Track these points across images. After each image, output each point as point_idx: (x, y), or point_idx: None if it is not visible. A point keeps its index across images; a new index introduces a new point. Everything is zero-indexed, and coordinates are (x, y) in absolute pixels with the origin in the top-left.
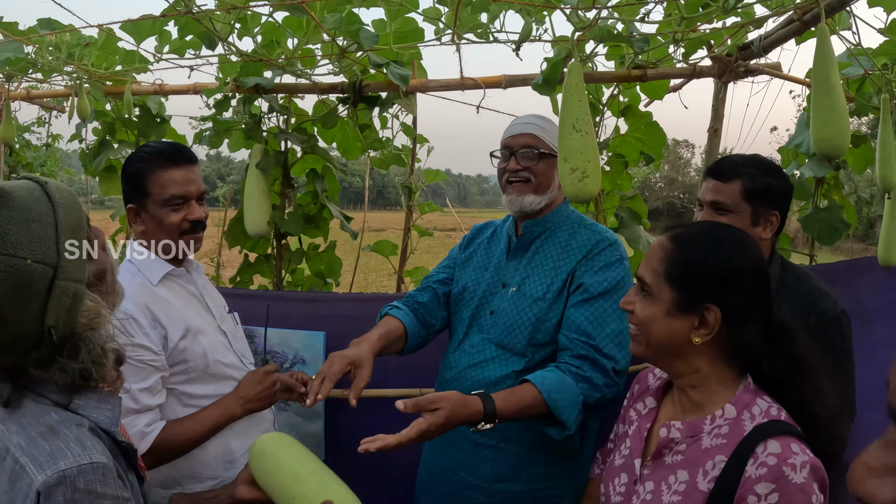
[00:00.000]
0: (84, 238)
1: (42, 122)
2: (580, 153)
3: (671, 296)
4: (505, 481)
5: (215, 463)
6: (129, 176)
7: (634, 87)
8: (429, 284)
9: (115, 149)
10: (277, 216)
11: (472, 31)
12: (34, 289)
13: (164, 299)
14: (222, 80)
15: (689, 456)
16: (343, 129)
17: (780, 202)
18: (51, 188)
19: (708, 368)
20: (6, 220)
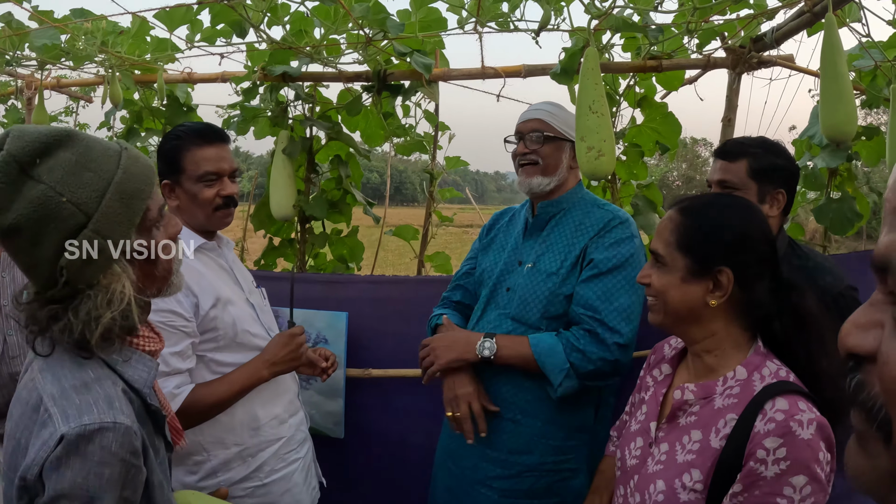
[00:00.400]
0: (143, 206)
1: (70, 111)
2: (596, 133)
3: (684, 263)
4: (521, 453)
5: (241, 430)
6: (166, 153)
7: (650, 78)
8: (457, 283)
9: (143, 136)
10: (303, 200)
11: (493, 20)
12: (60, 225)
13: (197, 270)
14: (251, 69)
15: (702, 416)
16: (366, 117)
17: (786, 181)
18: (127, 154)
19: (723, 331)
20: (61, 158)
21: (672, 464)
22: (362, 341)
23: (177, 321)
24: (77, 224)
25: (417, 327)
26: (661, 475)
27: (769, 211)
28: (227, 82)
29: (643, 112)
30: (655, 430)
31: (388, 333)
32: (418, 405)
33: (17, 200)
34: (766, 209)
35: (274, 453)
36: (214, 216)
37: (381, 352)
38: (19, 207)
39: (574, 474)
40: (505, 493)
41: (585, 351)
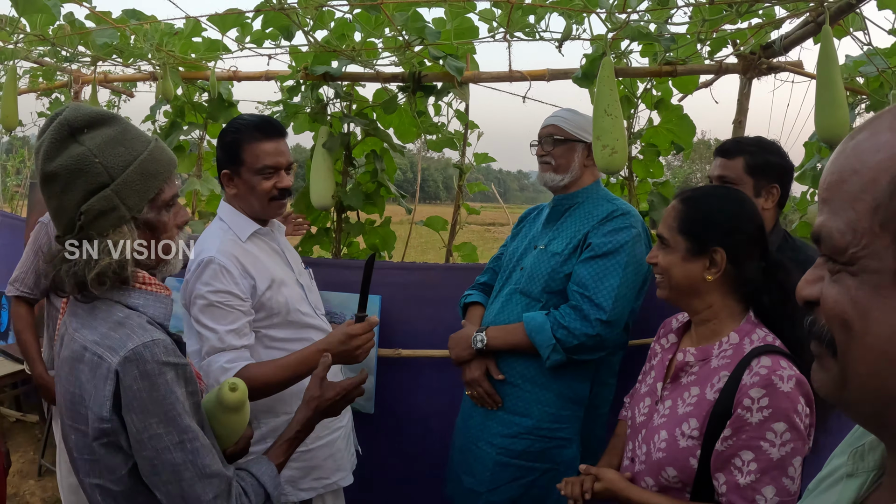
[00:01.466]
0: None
1: (112, 105)
2: (610, 133)
3: (685, 245)
4: (520, 415)
5: (291, 400)
6: (226, 145)
7: (667, 81)
8: (489, 266)
9: (185, 130)
10: (340, 192)
11: (521, 30)
12: (88, 178)
13: (252, 254)
14: (294, 69)
15: (700, 375)
16: (400, 115)
17: (780, 176)
18: (156, 144)
19: (719, 302)
20: (103, 132)
21: (674, 416)
22: (393, 323)
23: (234, 301)
24: (102, 183)
25: (445, 311)
26: (665, 426)
27: (764, 204)
28: (270, 80)
29: (660, 114)
30: (661, 390)
31: (417, 316)
32: (444, 383)
33: (61, 154)
34: (761, 202)
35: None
36: (270, 206)
37: (410, 333)
38: (62, 160)
39: (567, 444)
40: (502, 451)
41: (570, 327)
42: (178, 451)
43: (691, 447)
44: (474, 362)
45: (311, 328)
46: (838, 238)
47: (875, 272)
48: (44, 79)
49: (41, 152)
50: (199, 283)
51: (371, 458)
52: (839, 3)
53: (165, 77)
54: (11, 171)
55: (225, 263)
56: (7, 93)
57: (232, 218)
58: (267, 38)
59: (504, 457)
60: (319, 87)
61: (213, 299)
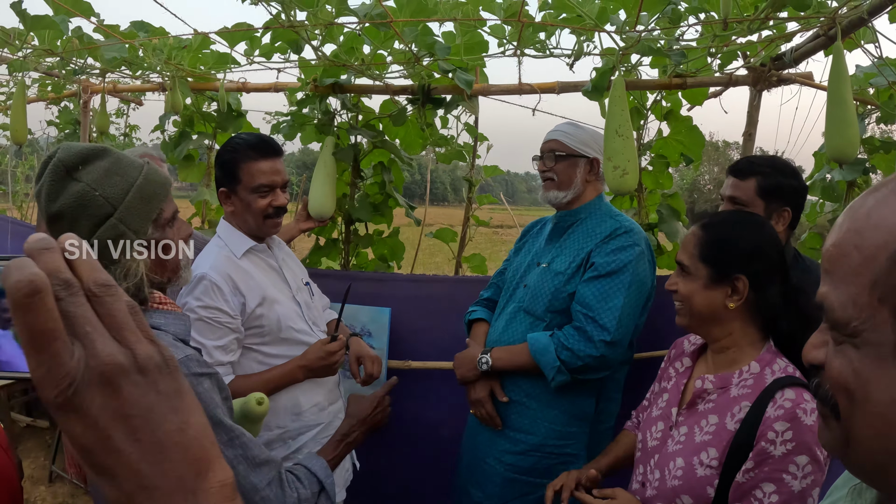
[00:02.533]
0: (158, 207)
1: (121, 113)
2: (621, 154)
3: (706, 272)
4: (526, 433)
5: (284, 414)
6: (224, 164)
7: (676, 93)
8: (493, 281)
9: (195, 140)
10: (349, 204)
11: (531, 47)
12: (93, 211)
13: (246, 271)
14: (304, 81)
15: (719, 403)
16: (406, 127)
17: (792, 199)
18: (149, 168)
19: (739, 330)
20: (97, 165)
21: (691, 444)
22: (403, 335)
23: (222, 318)
24: (106, 213)
25: (454, 323)
26: (681, 454)
27: (775, 226)
28: (279, 92)
29: (669, 125)
30: (676, 415)
31: (427, 328)
32: (452, 395)
33: (62, 194)
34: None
35: (313, 437)
36: (265, 224)
37: (420, 345)
38: (64, 199)
39: (574, 460)
40: (510, 468)
41: (574, 349)
42: (228, 448)
43: (709, 476)
44: (479, 383)
45: (305, 345)
46: (840, 312)
47: (876, 345)
48: (53, 91)
49: (42, 195)
50: (191, 297)
51: (381, 469)
52: (851, 17)
53: (174, 90)
54: (21, 177)
55: (216, 280)
56: (16, 107)
57: (228, 235)
58: (276, 52)
59: (512, 473)
60: (327, 98)
61: (202, 314)
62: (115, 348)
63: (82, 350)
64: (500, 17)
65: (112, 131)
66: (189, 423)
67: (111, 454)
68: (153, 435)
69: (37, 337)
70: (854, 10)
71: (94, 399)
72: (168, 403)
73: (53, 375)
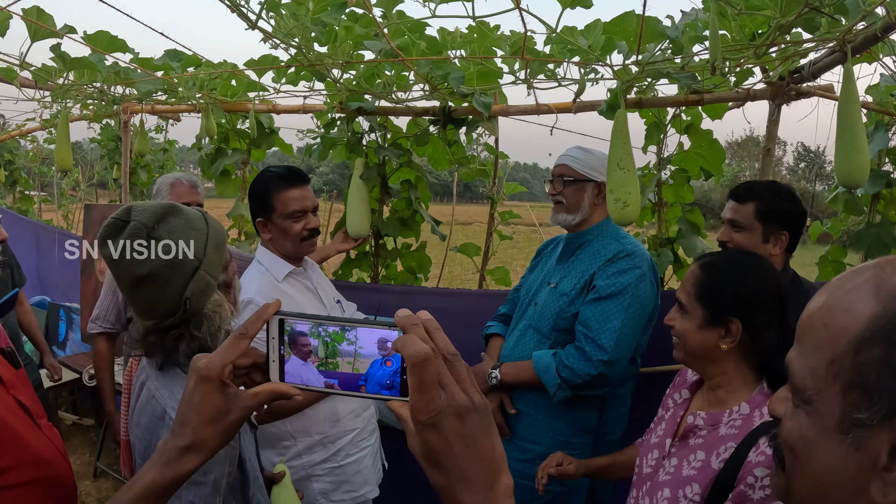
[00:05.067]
0: (224, 251)
1: (160, 129)
2: (623, 187)
3: (702, 313)
4: (533, 442)
5: (324, 421)
6: (258, 196)
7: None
8: (510, 297)
9: (230, 156)
10: (377, 219)
11: (542, 74)
12: (184, 269)
13: (287, 293)
14: (330, 105)
15: (708, 440)
16: (434, 143)
17: (790, 224)
18: (208, 217)
19: (733, 370)
20: (172, 223)
21: (678, 476)
22: None
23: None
24: (194, 267)
25: (477, 335)
26: (668, 484)
27: (772, 250)
28: (307, 113)
29: (690, 138)
30: (669, 446)
31: (452, 339)
32: None
33: (149, 255)
34: (769, 248)
35: (350, 441)
36: (301, 246)
37: None
38: (152, 260)
39: None
40: (518, 474)
41: (573, 368)
42: None
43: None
44: (490, 395)
45: None
46: (799, 379)
47: (824, 416)
48: (94, 120)
49: (126, 259)
50: (239, 320)
51: (401, 470)
52: (866, 33)
53: (208, 117)
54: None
55: (262, 304)
56: (60, 137)
57: (269, 261)
58: (301, 80)
59: (520, 479)
60: (354, 118)
61: None
62: (462, 396)
63: (445, 395)
64: (506, 53)
65: (152, 146)
66: (494, 445)
67: (450, 457)
68: (476, 449)
69: (423, 385)
70: (865, 30)
71: (449, 424)
72: (486, 431)
73: (429, 408)
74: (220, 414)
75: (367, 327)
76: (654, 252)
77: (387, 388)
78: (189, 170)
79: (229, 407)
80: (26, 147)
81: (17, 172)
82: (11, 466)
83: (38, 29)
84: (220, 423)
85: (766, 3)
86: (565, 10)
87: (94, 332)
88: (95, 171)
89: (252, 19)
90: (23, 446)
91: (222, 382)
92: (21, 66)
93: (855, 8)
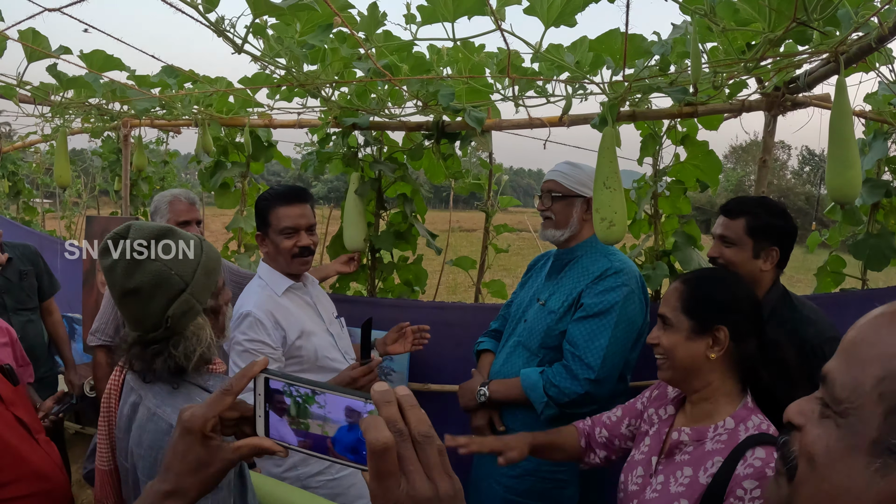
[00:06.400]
0: (215, 278)
1: (160, 141)
2: (609, 206)
3: (688, 324)
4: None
5: None
6: (259, 211)
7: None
8: (501, 313)
9: (229, 169)
10: (372, 233)
11: (531, 90)
12: (168, 289)
13: (286, 307)
14: (324, 120)
15: (694, 456)
16: (430, 157)
17: (780, 240)
18: (204, 243)
19: (718, 382)
20: (169, 244)
21: (666, 493)
22: (424, 359)
23: (265, 349)
24: (179, 289)
25: (471, 348)
26: (657, 502)
27: (763, 266)
28: (303, 128)
29: (686, 149)
30: (656, 464)
31: (447, 353)
32: (467, 416)
33: (139, 271)
34: (759, 263)
35: None
36: (293, 262)
37: (439, 368)
38: (141, 276)
39: (566, 485)
40: (508, 490)
41: (560, 386)
42: None
43: None
44: (480, 412)
45: (338, 371)
46: (839, 390)
47: (856, 433)
48: (93, 136)
49: (118, 272)
50: (238, 331)
51: None
52: (860, 44)
53: (205, 133)
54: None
55: (259, 317)
56: (59, 154)
57: (269, 276)
58: (295, 96)
59: (510, 494)
60: (350, 133)
61: (248, 346)
62: (425, 486)
63: (406, 483)
64: (492, 72)
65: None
66: None
67: None
68: None
69: (380, 474)
70: (859, 40)
71: None
72: None
73: (386, 497)
74: (201, 465)
75: (339, 395)
76: (650, 265)
77: (353, 452)
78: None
79: (211, 458)
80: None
81: (21, 183)
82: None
83: (34, 51)
84: (202, 473)
85: (754, 17)
86: (549, 29)
87: (93, 345)
88: (97, 184)
89: (238, 44)
90: (22, 461)
91: (204, 435)
92: (19, 84)
93: (847, 20)
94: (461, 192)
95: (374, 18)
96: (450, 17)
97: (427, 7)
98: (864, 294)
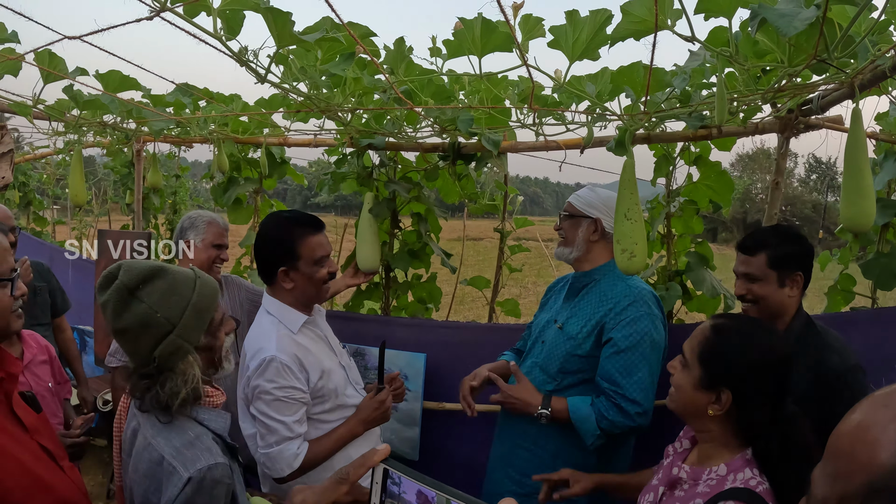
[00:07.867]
0: (210, 317)
1: (172, 155)
2: (629, 237)
3: (699, 373)
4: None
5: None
6: (281, 243)
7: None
8: (524, 334)
9: (242, 185)
10: (387, 252)
11: (550, 116)
12: (155, 331)
13: (305, 347)
14: (340, 140)
15: (688, 494)
16: (444, 176)
17: (802, 263)
18: (200, 281)
19: (717, 431)
20: (156, 287)
21: None
22: (439, 378)
23: (296, 394)
24: (166, 331)
25: None
26: None
27: (790, 292)
28: (318, 147)
29: (699, 170)
30: (661, 494)
31: (461, 372)
32: (482, 434)
33: (127, 312)
34: (786, 292)
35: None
36: (322, 290)
37: (453, 388)
38: (128, 318)
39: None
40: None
41: (614, 421)
42: None
43: None
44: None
45: (353, 406)
46: (815, 500)
47: None
48: (108, 156)
49: (108, 312)
50: (263, 379)
51: None
52: (875, 72)
53: (220, 152)
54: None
55: (285, 361)
56: (74, 173)
57: (282, 312)
58: (311, 117)
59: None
60: (365, 153)
61: (278, 395)
62: None
63: None
64: (513, 102)
65: (164, 172)
66: None
67: None
68: None
69: None
70: (874, 69)
71: None
72: None
73: None
74: None
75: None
76: (663, 286)
77: None
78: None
79: None
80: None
81: (31, 194)
82: None
83: (50, 73)
84: None
85: (772, 48)
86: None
87: (112, 366)
88: (109, 197)
89: (261, 73)
90: (48, 490)
91: None
92: (34, 103)
93: (864, 52)
94: (476, 212)
95: (400, 52)
96: (477, 53)
97: (453, 42)
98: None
